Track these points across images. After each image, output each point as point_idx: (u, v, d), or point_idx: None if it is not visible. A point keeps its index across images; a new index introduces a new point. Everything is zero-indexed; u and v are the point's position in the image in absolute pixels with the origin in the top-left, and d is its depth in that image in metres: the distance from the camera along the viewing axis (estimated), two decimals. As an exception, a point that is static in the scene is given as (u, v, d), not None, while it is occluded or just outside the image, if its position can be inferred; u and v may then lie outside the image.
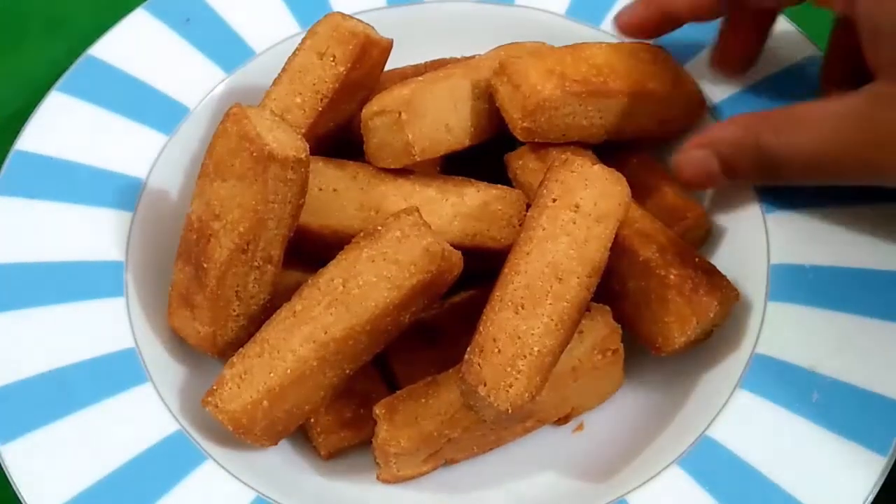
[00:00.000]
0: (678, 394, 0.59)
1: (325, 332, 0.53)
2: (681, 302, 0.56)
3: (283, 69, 0.61)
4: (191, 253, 0.57)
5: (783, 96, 0.65)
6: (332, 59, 0.60)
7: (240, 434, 0.54)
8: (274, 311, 0.56)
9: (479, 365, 0.50)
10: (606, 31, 0.71)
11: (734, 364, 0.57)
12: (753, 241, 0.61)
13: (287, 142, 0.54)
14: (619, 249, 0.56)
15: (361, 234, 0.55)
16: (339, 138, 0.63)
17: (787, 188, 0.61)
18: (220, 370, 0.55)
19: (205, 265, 0.55)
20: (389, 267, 0.53)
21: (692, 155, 0.59)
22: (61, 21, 0.81)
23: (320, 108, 0.60)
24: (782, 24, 0.67)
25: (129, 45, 0.70)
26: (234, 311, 0.57)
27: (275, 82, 0.61)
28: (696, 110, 0.66)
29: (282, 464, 0.58)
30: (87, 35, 0.71)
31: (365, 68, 0.61)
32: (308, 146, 0.55)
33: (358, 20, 0.62)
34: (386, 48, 0.62)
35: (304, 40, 0.61)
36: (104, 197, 0.64)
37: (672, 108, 0.65)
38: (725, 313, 0.57)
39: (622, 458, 0.57)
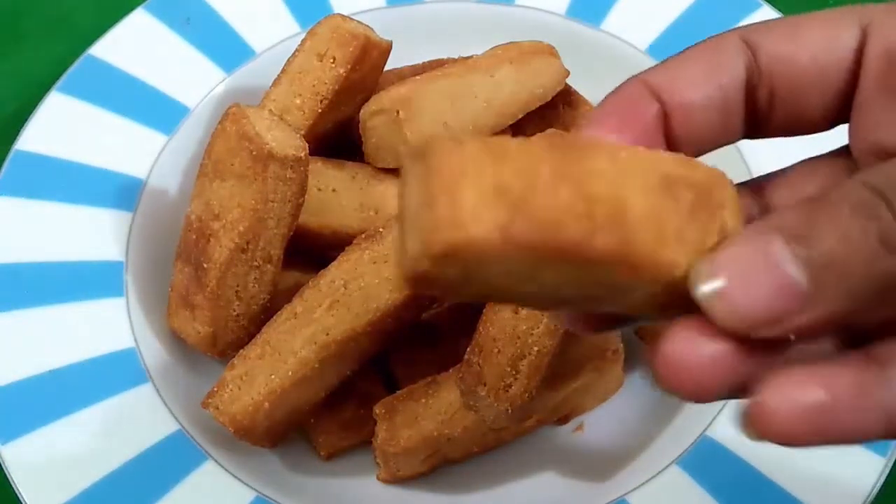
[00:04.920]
0: (678, 394, 0.59)
1: (327, 334, 0.53)
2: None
3: (283, 70, 0.61)
4: (190, 253, 0.57)
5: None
6: (331, 60, 0.60)
7: (241, 436, 0.54)
8: (274, 311, 0.56)
9: (478, 365, 0.50)
10: (607, 31, 0.70)
11: (734, 364, 0.57)
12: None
13: (286, 141, 0.54)
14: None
15: (363, 235, 0.55)
16: (338, 138, 0.63)
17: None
18: (221, 370, 0.55)
19: (205, 265, 0.55)
20: (391, 269, 0.53)
21: (732, 249, 0.27)
22: (61, 21, 0.80)
23: (320, 110, 0.60)
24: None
25: (129, 45, 0.70)
26: (234, 311, 0.57)
27: (274, 83, 0.61)
28: None
29: (282, 464, 0.58)
30: (87, 35, 0.71)
31: (364, 70, 0.61)
32: (307, 145, 0.55)
33: (358, 22, 0.62)
34: (385, 50, 0.62)
35: (303, 41, 0.61)
36: (104, 197, 0.64)
37: None
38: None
39: (622, 458, 0.57)
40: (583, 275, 0.27)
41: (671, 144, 0.34)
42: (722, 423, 0.55)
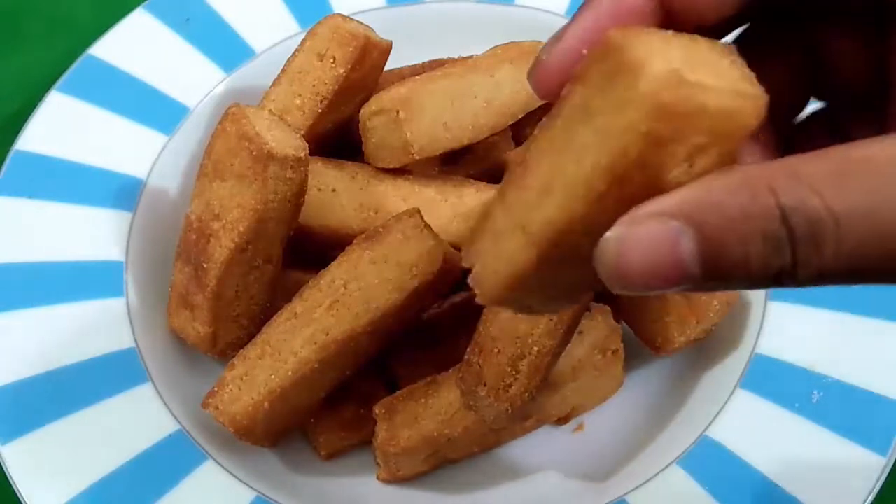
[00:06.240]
0: (678, 394, 0.59)
1: (327, 334, 0.53)
2: (680, 302, 0.56)
3: (283, 70, 0.61)
4: (191, 253, 0.57)
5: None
6: (331, 60, 0.60)
7: (241, 436, 0.54)
8: (274, 311, 0.56)
9: (479, 365, 0.50)
10: (606, 31, 0.70)
11: (734, 364, 0.57)
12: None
13: (286, 140, 0.54)
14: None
15: (363, 235, 0.55)
16: (337, 139, 0.63)
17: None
18: (221, 370, 0.55)
19: (205, 265, 0.55)
20: (391, 269, 0.53)
21: (644, 230, 0.29)
22: (61, 21, 0.81)
23: (320, 110, 0.60)
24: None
25: (129, 45, 0.70)
26: (234, 311, 0.57)
27: (274, 83, 0.61)
28: None
29: (282, 464, 0.58)
30: (87, 35, 0.71)
31: (364, 70, 0.61)
32: (307, 145, 0.55)
33: (358, 22, 0.62)
34: (385, 50, 0.62)
35: (303, 41, 0.61)
36: (104, 197, 0.64)
37: None
38: (725, 313, 0.57)
39: (622, 458, 0.57)
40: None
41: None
42: (722, 423, 0.55)
